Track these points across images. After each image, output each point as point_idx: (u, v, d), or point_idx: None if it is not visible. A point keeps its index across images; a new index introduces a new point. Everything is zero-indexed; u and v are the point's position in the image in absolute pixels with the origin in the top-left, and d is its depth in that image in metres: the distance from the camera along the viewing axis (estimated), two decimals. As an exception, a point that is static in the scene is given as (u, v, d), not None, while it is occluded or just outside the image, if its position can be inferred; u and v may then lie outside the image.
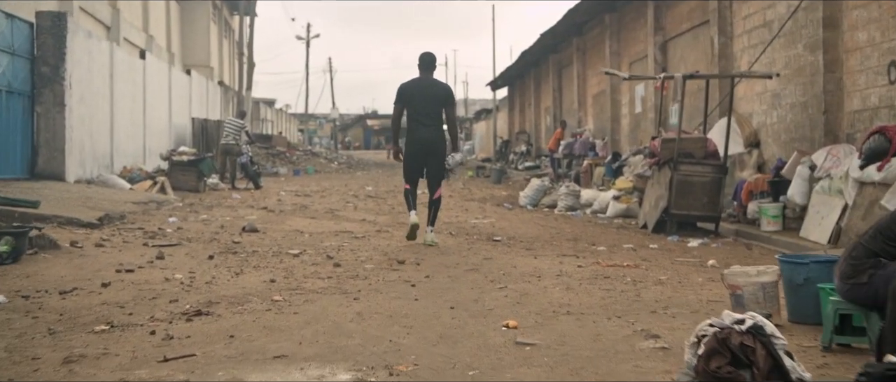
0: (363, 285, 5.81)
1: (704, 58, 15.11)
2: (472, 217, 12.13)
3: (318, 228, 9.75)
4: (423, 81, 8.29)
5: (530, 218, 12.55)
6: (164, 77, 19.94)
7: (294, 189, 18.64)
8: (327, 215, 11.68)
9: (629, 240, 9.76)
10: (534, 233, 10.07)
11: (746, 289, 4.06)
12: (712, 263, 7.15)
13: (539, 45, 26.54)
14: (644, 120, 18.83)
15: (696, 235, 10.88)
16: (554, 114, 27.82)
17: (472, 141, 55.32)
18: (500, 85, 40.07)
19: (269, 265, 6.69)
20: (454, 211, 13.01)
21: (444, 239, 9.03)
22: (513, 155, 33.04)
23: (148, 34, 23.17)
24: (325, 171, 29.48)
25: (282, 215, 11.45)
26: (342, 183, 22.24)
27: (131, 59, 17.21)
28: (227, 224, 9.87)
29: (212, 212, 11.55)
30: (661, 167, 11.55)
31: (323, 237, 8.80)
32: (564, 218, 12.93)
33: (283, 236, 8.74)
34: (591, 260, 7.22)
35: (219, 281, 5.85)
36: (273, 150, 31.47)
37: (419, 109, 8.15)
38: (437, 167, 8.32)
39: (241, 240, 8.18)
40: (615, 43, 20.72)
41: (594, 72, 23.36)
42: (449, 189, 20.08)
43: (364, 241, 8.49)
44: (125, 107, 16.56)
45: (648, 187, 12.19)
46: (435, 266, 6.76)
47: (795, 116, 11.70)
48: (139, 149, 17.68)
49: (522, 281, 5.87)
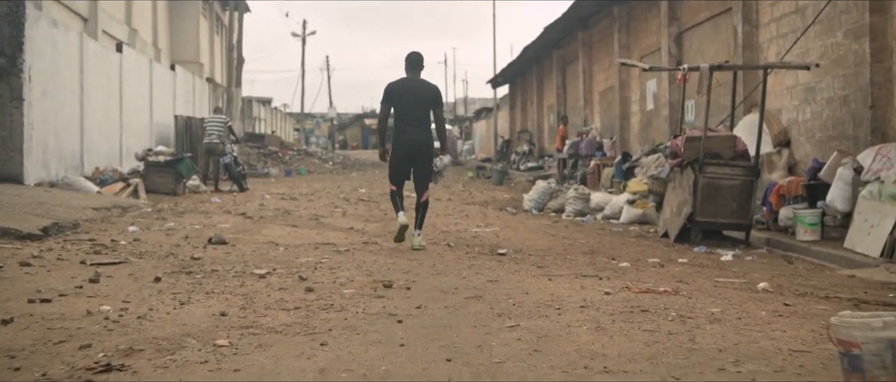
0: (337, 320, 4.59)
1: (725, 49, 13.89)
2: (472, 224, 10.92)
3: (297, 239, 8.52)
4: (410, 81, 8.09)
5: (537, 225, 11.34)
6: (144, 72, 18.70)
7: (281, 191, 17.42)
8: (311, 222, 10.46)
9: (652, 253, 8.55)
10: (544, 244, 8.85)
11: (867, 348, 2.84)
12: (764, 286, 5.93)
13: (542, 39, 25.32)
14: (657, 117, 17.61)
15: (725, 245, 9.68)
16: (557, 112, 26.59)
17: (472, 140, 54.08)
18: (501, 82, 38.83)
19: (227, 290, 5.47)
20: (453, 217, 11.78)
21: (442, 253, 7.81)
22: (514, 155, 31.82)
23: (131, 28, 21.92)
24: (319, 172, 28.25)
25: (260, 223, 10.23)
26: (335, 184, 21.01)
27: (105, 52, 15.97)
28: (194, 234, 8.65)
29: (182, 219, 10.32)
30: (685, 169, 10.33)
31: (300, 251, 7.57)
32: (575, 224, 11.72)
33: (254, 250, 7.52)
34: (617, 282, 6.00)
35: (155, 315, 4.63)
36: (265, 150, 30.25)
37: (407, 110, 7.97)
38: (424, 169, 8.11)
39: (202, 256, 6.96)
40: (624, 36, 19.50)
41: (601, 68, 22.14)
42: (448, 191, 18.86)
43: (347, 257, 7.27)
44: (98, 104, 15.33)
45: (669, 191, 10.97)
46: (428, 290, 5.54)
47: (834, 112, 10.48)
48: (115, 148, 16.44)
49: (538, 316, 4.65)
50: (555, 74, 26.84)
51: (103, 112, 15.69)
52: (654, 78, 17.71)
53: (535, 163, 27.03)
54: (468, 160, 42.97)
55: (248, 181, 18.11)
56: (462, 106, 74.98)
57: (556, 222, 11.69)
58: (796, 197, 10.39)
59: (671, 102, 16.25)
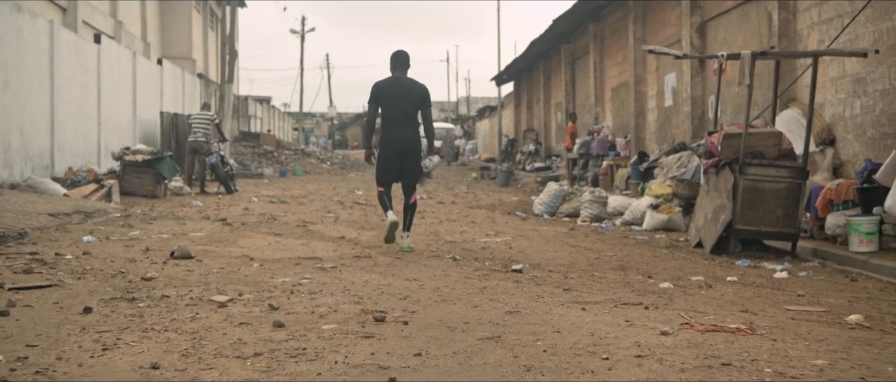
0: (308, 374, 3.38)
1: (756, 39, 12.65)
2: (480, 232, 9.69)
3: (278, 252, 7.29)
4: (398, 80, 7.92)
5: (552, 232, 10.11)
6: (126, 65, 17.48)
7: (273, 193, 16.20)
8: (297, 230, 9.23)
9: (692, 268, 7.33)
10: (564, 258, 7.62)
11: None
12: (857, 319, 4.70)
13: (550, 33, 24.06)
14: (676, 114, 16.38)
15: (768, 257, 8.47)
16: (566, 109, 25.34)
17: (475, 140, 52.83)
18: (506, 79, 37.56)
19: (172, 325, 4.25)
20: (458, 224, 10.56)
21: (447, 269, 6.59)
22: (520, 154, 30.58)
23: (116, 20, 20.72)
24: (315, 172, 27.01)
25: (239, 231, 9.01)
26: (331, 185, 19.79)
27: (80, 43, 14.75)
28: (158, 246, 7.43)
29: (150, 227, 9.10)
30: (721, 170, 9.11)
31: (277, 268, 6.35)
32: (594, 232, 10.48)
33: (222, 267, 6.29)
34: (668, 312, 4.77)
35: (61, 368, 3.42)
36: (259, 149, 29.03)
37: (395, 109, 7.81)
38: (412, 170, 7.92)
39: (156, 275, 5.74)
40: (640, 28, 18.24)
41: (614, 63, 20.90)
42: (451, 193, 17.65)
43: (333, 276, 6.04)
44: (72, 98, 14.12)
45: (702, 195, 9.75)
46: (431, 326, 4.32)
47: (889, 106, 9.25)
48: (92, 147, 15.24)
49: (580, 370, 3.42)
50: (563, 70, 25.59)
51: (79, 107, 14.48)
52: (673, 72, 16.49)
53: (543, 163, 25.77)
54: (471, 160, 41.73)
55: (237, 182, 16.90)
56: (464, 105, 73.72)
57: (573, 229, 10.46)
58: (847, 202, 9.16)
59: (693, 98, 15.01)
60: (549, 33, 23.97)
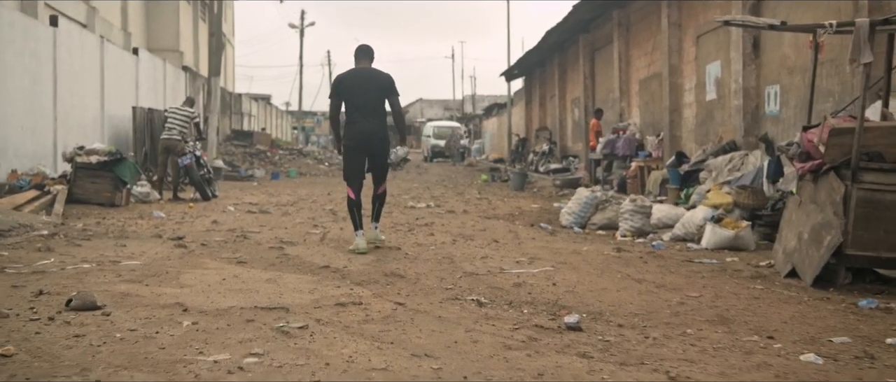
0: None
1: (829, 15, 10.48)
2: (506, 255, 7.55)
3: (229, 296, 5.14)
4: (361, 72, 7.69)
5: (598, 255, 7.95)
6: (92, 53, 15.35)
7: (257, 200, 14.08)
8: (270, 254, 7.09)
9: (814, 317, 5.18)
10: (633, 301, 5.47)
11: None
12: None
13: (568, 22, 21.87)
14: (721, 109, 14.22)
15: (892, 290, 6.35)
16: (585, 105, 23.17)
17: (482, 139, 50.67)
18: (517, 75, 35.37)
19: None
20: (476, 243, 8.41)
21: (473, 326, 4.44)
22: (532, 155, 28.39)
23: (89, 5, 18.58)
24: (311, 174, 24.83)
25: (192, 257, 6.86)
26: (326, 190, 17.64)
27: (28, 23, 12.60)
28: (60, 286, 5.28)
29: (77, 251, 6.97)
30: (822, 176, 6.97)
31: (217, 331, 4.19)
32: (649, 254, 8.32)
33: (133, 329, 4.15)
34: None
35: None
36: (252, 149, 26.89)
37: (358, 101, 7.56)
38: (381, 161, 7.81)
39: (15, 351, 3.61)
40: (675, 11, 16.08)
41: (642, 52, 18.72)
42: (462, 199, 15.51)
43: (299, 347, 3.89)
44: (17, 89, 11.99)
45: (793, 208, 7.59)
46: None
47: None
48: (46, 147, 13.10)
49: None
50: (582, 62, 23.39)
51: (27, 101, 12.35)
52: (717, 60, 14.32)
53: (560, 165, 23.57)
54: (478, 160, 39.58)
55: (217, 187, 14.78)
56: (470, 103, 71.56)
57: (621, 251, 8.30)
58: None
59: (745, 89, 12.82)
60: (567, 22, 21.80)
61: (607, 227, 11.35)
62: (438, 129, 41.77)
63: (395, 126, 7.94)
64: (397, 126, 7.90)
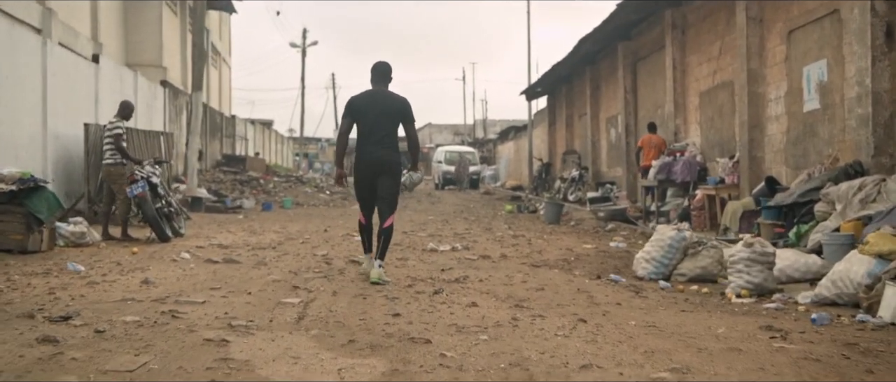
0: None
1: None
2: (618, 354, 4.33)
3: None
4: (376, 95, 7.28)
5: (749, 341, 4.71)
6: (31, 58, 12.27)
7: (231, 241, 10.92)
8: (197, 361, 3.88)
9: None
10: None
11: None
12: None
13: (606, 28, 18.80)
14: (829, 121, 11.05)
15: None
16: (626, 124, 20.03)
17: (496, 166, 47.51)
18: (539, 93, 32.25)
19: None
20: (555, 326, 5.18)
21: None
22: (559, 182, 25.19)
23: (44, 6, 15.54)
24: (310, 204, 21.62)
25: (54, 371, 3.68)
26: (322, 225, 14.45)
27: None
28: None
29: None
30: None
31: None
32: (813, 331, 5.06)
33: None
34: None
35: None
36: (242, 176, 23.75)
37: (370, 126, 7.17)
38: (388, 191, 7.21)
39: None
40: (754, 4, 12.98)
41: (704, 58, 15.59)
42: (493, 238, 12.31)
43: None
44: None
45: None
46: None
47: None
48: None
49: None
50: (621, 74, 20.26)
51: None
52: (822, 59, 11.19)
53: (597, 193, 20.30)
54: (494, 188, 36.38)
55: (183, 222, 11.61)
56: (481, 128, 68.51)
57: (768, 329, 5.08)
58: None
59: (874, 93, 9.66)
60: (607, 27, 18.70)
61: (700, 279, 8.24)
62: (450, 155, 38.63)
63: (410, 154, 7.77)
64: (411, 152, 7.64)
